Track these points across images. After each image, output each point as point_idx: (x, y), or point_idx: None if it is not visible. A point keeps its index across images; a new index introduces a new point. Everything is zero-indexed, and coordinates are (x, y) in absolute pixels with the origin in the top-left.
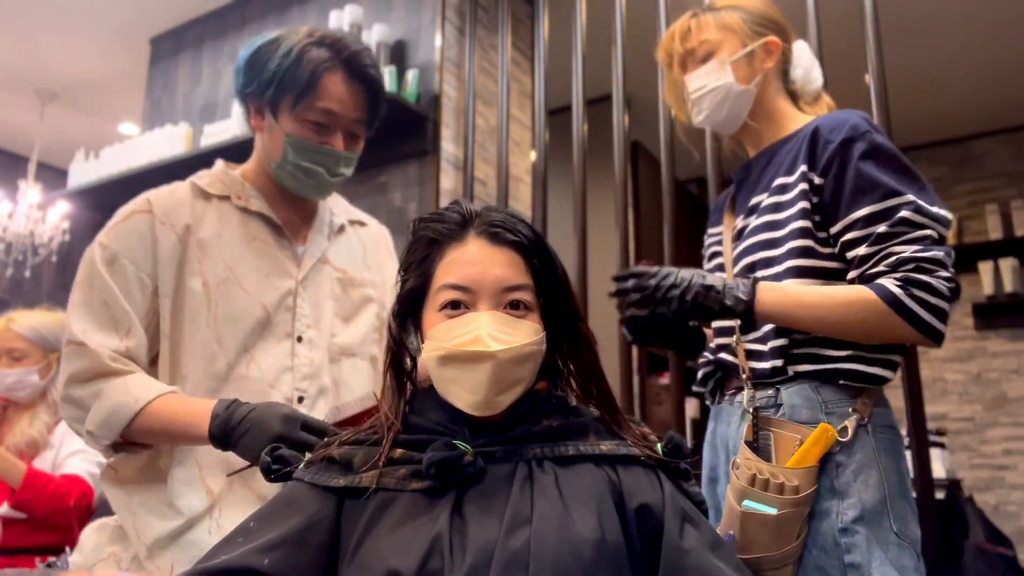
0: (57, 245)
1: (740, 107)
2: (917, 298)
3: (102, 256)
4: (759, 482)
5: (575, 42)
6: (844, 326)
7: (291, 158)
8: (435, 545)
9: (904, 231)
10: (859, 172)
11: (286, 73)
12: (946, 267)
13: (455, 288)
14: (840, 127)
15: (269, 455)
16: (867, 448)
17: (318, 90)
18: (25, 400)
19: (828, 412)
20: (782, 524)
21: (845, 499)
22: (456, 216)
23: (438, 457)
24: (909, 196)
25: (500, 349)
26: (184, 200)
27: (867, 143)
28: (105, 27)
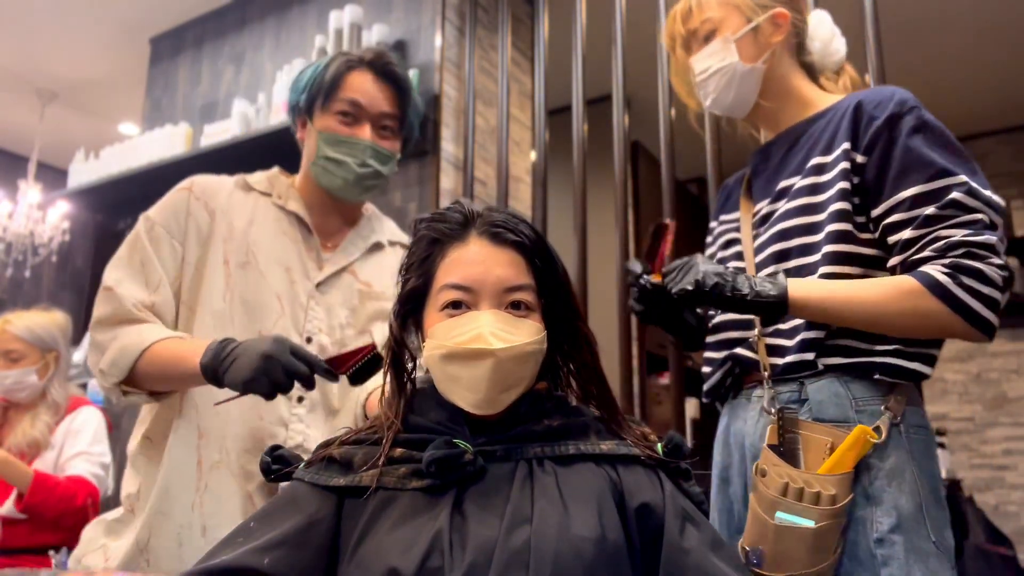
0: (57, 245)
1: (749, 87)
2: (967, 287)
3: (144, 225)
4: (792, 492)
5: (575, 42)
6: (885, 319)
7: (322, 152)
8: (435, 543)
9: (954, 214)
10: (907, 149)
11: (317, 79)
12: (999, 254)
13: (457, 288)
14: (886, 102)
15: (269, 455)
16: (900, 450)
17: (343, 84)
18: (25, 401)
19: (858, 410)
20: (820, 538)
21: (879, 506)
22: (458, 216)
23: (438, 455)
24: (962, 177)
25: (502, 347)
26: (225, 186)
27: (916, 118)
28: (105, 27)
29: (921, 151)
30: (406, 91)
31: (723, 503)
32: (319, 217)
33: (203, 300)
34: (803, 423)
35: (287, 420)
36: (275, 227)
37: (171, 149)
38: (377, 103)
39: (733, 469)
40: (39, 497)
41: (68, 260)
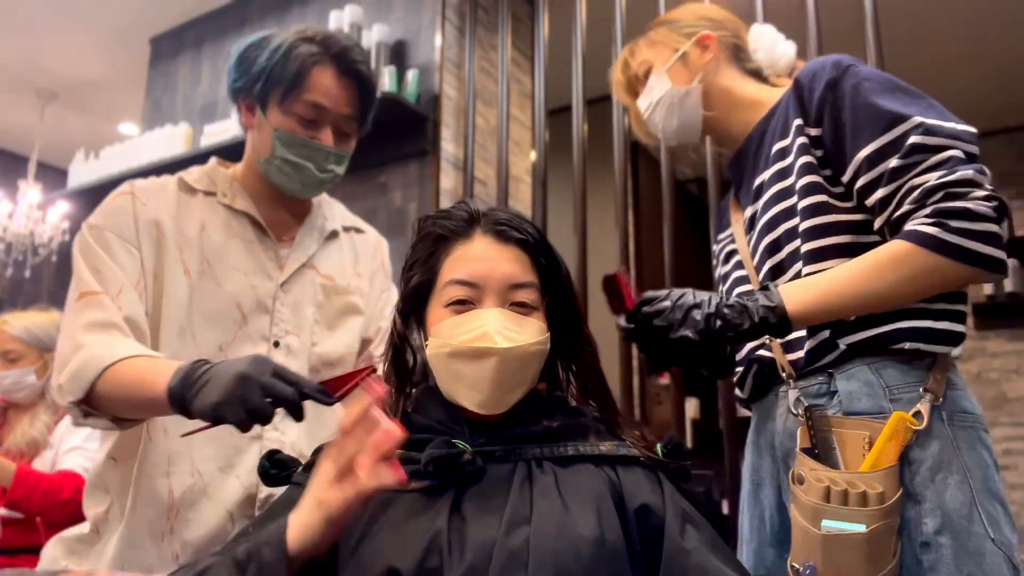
0: (57, 245)
1: (690, 108)
2: (959, 230)
3: (91, 233)
4: (835, 496)
5: (575, 42)
6: (893, 293)
7: (278, 152)
8: (433, 543)
9: (920, 159)
10: (854, 107)
11: (275, 67)
12: (981, 185)
13: (462, 284)
14: (821, 70)
15: (267, 460)
16: (944, 439)
17: (306, 83)
18: (24, 401)
19: (893, 399)
20: (875, 542)
21: (922, 504)
22: (463, 214)
23: (437, 454)
24: (916, 118)
25: (507, 346)
26: (168, 190)
27: (853, 75)
28: (105, 27)
29: (868, 104)
30: (370, 90)
31: (755, 508)
32: (268, 211)
33: (166, 315)
34: (834, 420)
35: (260, 430)
36: (226, 230)
37: (171, 149)
38: (340, 105)
39: (764, 471)
40: (22, 492)
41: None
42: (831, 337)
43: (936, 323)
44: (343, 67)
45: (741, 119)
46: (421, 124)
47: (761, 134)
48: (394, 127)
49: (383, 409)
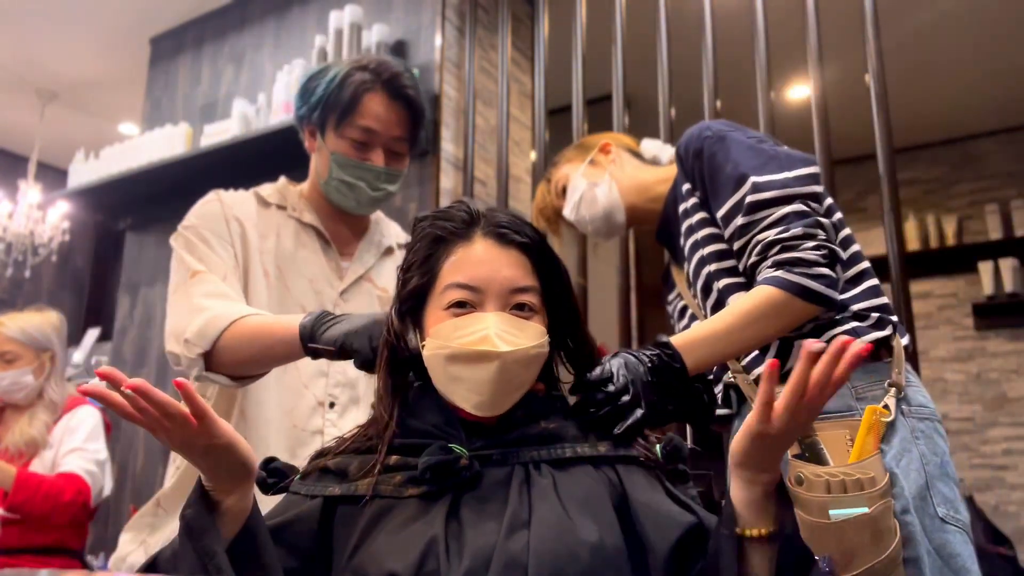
0: (57, 245)
1: (609, 196)
2: (797, 272)
3: (189, 232)
4: (835, 486)
5: (575, 42)
6: (761, 330)
7: (335, 173)
8: (431, 549)
9: (760, 216)
10: (711, 173)
11: (331, 95)
12: (812, 237)
13: (463, 287)
14: (690, 141)
15: (264, 468)
16: (904, 430)
17: (358, 109)
18: (22, 401)
19: (859, 397)
20: (880, 521)
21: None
22: (463, 215)
23: (433, 461)
24: (751, 178)
25: (508, 350)
26: (247, 200)
27: (710, 141)
28: (105, 27)
29: (717, 170)
30: (419, 113)
31: None
32: (332, 226)
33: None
34: (816, 425)
35: (321, 425)
36: (295, 240)
37: (171, 149)
38: (390, 128)
39: None
40: (23, 495)
41: (68, 260)
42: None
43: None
44: (393, 92)
45: (655, 196)
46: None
47: (673, 200)
48: None
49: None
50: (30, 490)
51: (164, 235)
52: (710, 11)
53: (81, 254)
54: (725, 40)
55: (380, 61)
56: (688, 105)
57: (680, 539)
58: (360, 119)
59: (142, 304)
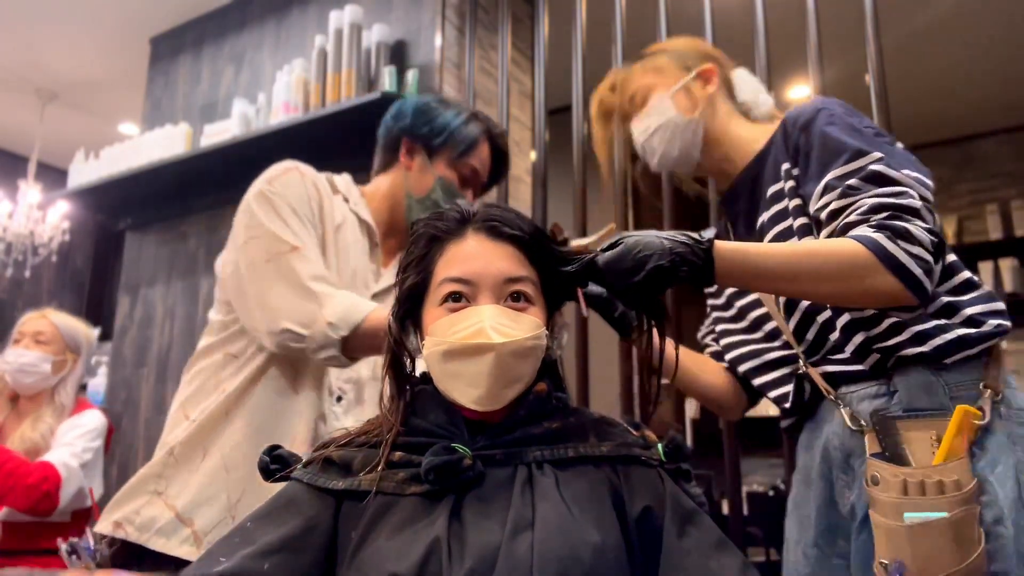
0: (57, 245)
1: (691, 139)
2: (897, 244)
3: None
4: (913, 488)
5: (575, 42)
6: (818, 281)
7: (435, 195)
8: (433, 549)
9: (877, 184)
10: (823, 143)
11: (458, 129)
12: (924, 218)
13: (456, 281)
14: (802, 113)
15: (267, 455)
16: (1000, 436)
17: (475, 151)
18: (29, 391)
19: (954, 396)
20: (960, 528)
21: (982, 496)
22: (455, 214)
23: (436, 462)
24: (877, 153)
25: (502, 341)
26: (321, 180)
27: (827, 116)
28: (105, 27)
29: (836, 139)
30: (506, 166)
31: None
32: (384, 233)
33: None
34: (900, 423)
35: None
36: (353, 233)
37: (171, 149)
38: (486, 174)
39: (814, 471)
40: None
41: (68, 260)
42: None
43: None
44: (495, 146)
45: (733, 156)
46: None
47: (755, 176)
48: None
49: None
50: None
51: (164, 235)
52: (710, 11)
53: (81, 254)
54: (725, 40)
55: (486, 116)
56: None
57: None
58: (474, 159)
59: (142, 304)
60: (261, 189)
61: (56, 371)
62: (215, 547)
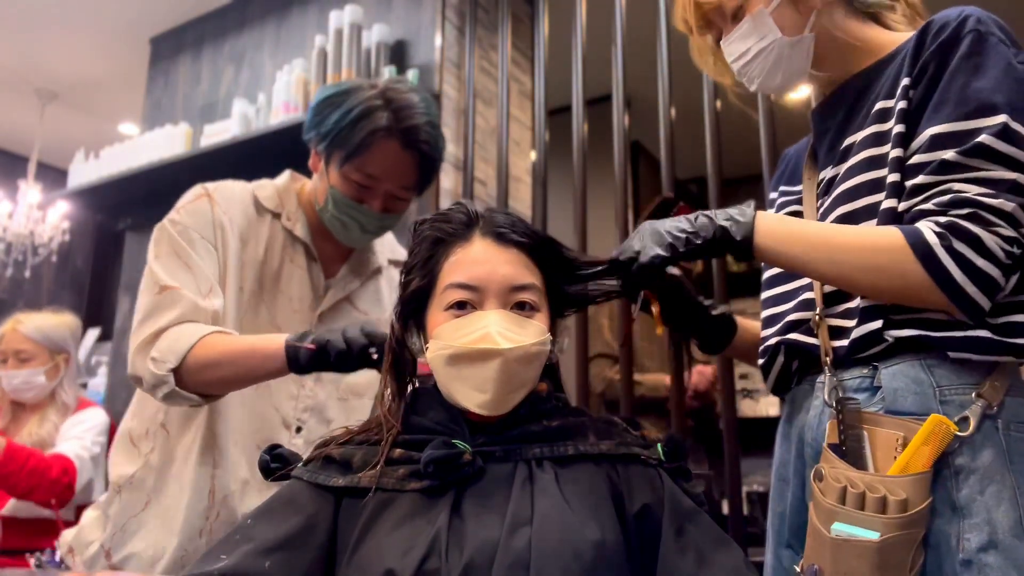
0: (57, 245)
1: (799, 61)
2: (956, 253)
3: (175, 229)
4: (852, 498)
5: (575, 42)
6: (859, 274)
7: (330, 207)
8: (433, 544)
9: (977, 165)
10: (951, 77)
11: (343, 131)
12: (1013, 224)
13: (462, 287)
14: (945, 24)
15: (267, 453)
16: (998, 448)
17: (366, 156)
18: (32, 401)
19: (943, 400)
20: (887, 553)
21: (968, 518)
22: (461, 216)
23: (436, 455)
24: (1001, 117)
25: (509, 347)
26: (243, 201)
27: (973, 38)
28: (105, 27)
29: (966, 79)
30: (430, 165)
31: (778, 506)
32: (321, 243)
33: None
34: (868, 416)
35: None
36: (283, 255)
37: (171, 149)
38: (396, 177)
39: (790, 467)
40: (11, 467)
41: (68, 260)
42: (882, 328)
43: (995, 335)
44: (407, 142)
45: (844, 64)
46: None
47: (864, 86)
48: None
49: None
50: (18, 463)
51: None
52: None
53: (81, 254)
54: None
55: (404, 104)
56: (688, 105)
57: None
58: (366, 165)
59: None
60: (166, 218)
61: (51, 378)
62: (216, 545)
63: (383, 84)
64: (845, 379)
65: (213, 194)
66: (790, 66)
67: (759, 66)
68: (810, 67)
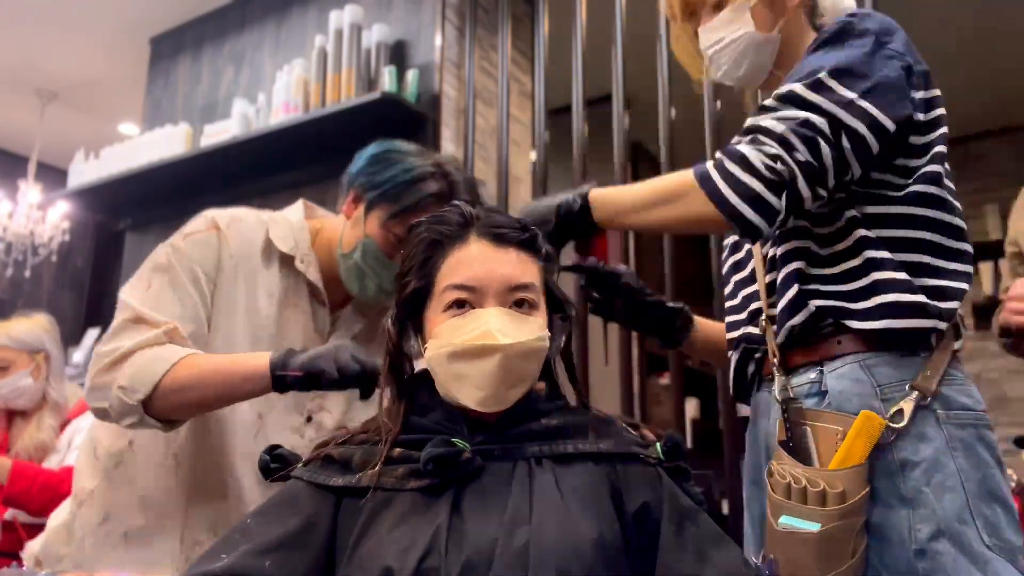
0: (57, 245)
1: (763, 58)
2: (725, 171)
3: (175, 256)
4: (795, 492)
5: (575, 42)
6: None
7: (356, 256)
8: (433, 542)
9: (781, 107)
10: (805, 55)
11: (397, 187)
12: (786, 145)
13: (461, 288)
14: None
15: (267, 454)
16: (938, 440)
17: (416, 214)
18: (26, 406)
19: (885, 398)
20: (827, 543)
21: (916, 510)
22: (457, 217)
23: (436, 452)
24: (820, 74)
25: (509, 343)
26: (255, 243)
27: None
28: (105, 27)
29: (815, 57)
30: None
31: (756, 510)
32: (330, 283)
33: None
34: (810, 413)
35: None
36: (286, 299)
37: (171, 149)
38: None
39: (763, 470)
40: (21, 486)
41: (68, 260)
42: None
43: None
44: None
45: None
46: (421, 124)
47: None
48: (394, 127)
49: None
50: (27, 480)
51: (164, 235)
52: None
53: (81, 254)
54: None
55: (458, 179)
56: (688, 105)
57: None
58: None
59: None
60: (170, 243)
61: (37, 377)
62: (216, 545)
63: (440, 157)
64: (795, 385)
65: (225, 230)
66: (755, 60)
67: (728, 55)
68: (771, 63)
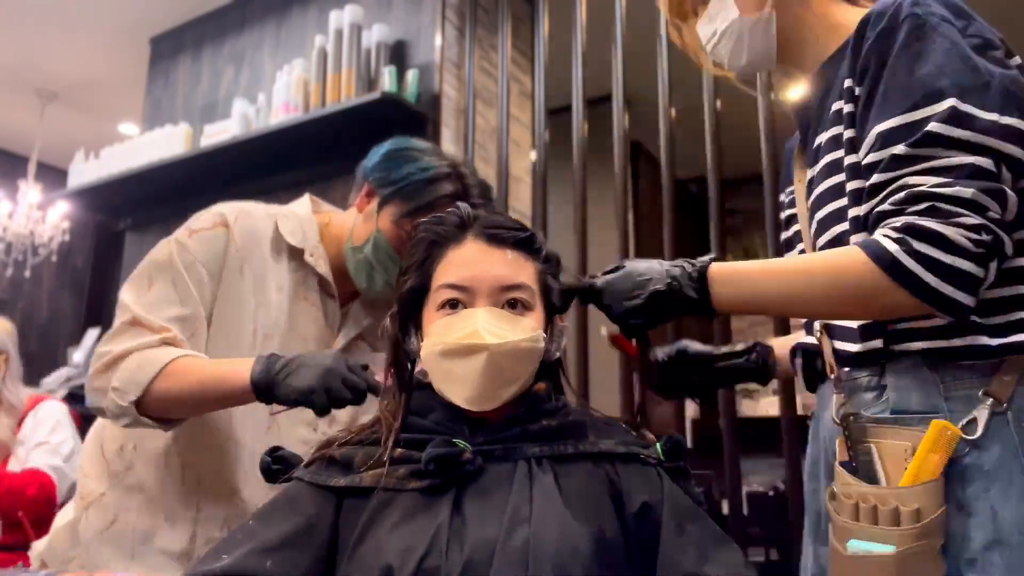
0: (57, 245)
1: (762, 40)
2: (920, 255)
3: (179, 253)
4: (864, 513)
5: (575, 42)
6: (831, 304)
7: (367, 250)
8: (433, 543)
9: (929, 154)
10: (893, 70)
11: (414, 185)
12: (979, 210)
13: (453, 287)
14: (886, 10)
15: (269, 455)
16: (1008, 443)
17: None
18: None
19: (948, 396)
20: (907, 566)
21: (972, 517)
22: (455, 219)
23: (437, 452)
24: (948, 101)
25: (496, 342)
26: (263, 238)
27: (912, 25)
28: (105, 27)
29: (908, 68)
30: None
31: (812, 503)
32: (337, 278)
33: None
34: (872, 429)
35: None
36: (297, 293)
37: (171, 149)
38: None
39: (821, 464)
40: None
41: (68, 260)
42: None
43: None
44: None
45: (815, 49)
46: (421, 124)
47: (827, 81)
48: (394, 127)
49: None
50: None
51: (164, 235)
52: None
53: (81, 254)
54: None
55: (472, 184)
56: (688, 105)
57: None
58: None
59: None
60: (175, 238)
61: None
62: (219, 545)
63: (455, 158)
64: (855, 377)
65: (233, 226)
66: (753, 46)
67: (725, 47)
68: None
